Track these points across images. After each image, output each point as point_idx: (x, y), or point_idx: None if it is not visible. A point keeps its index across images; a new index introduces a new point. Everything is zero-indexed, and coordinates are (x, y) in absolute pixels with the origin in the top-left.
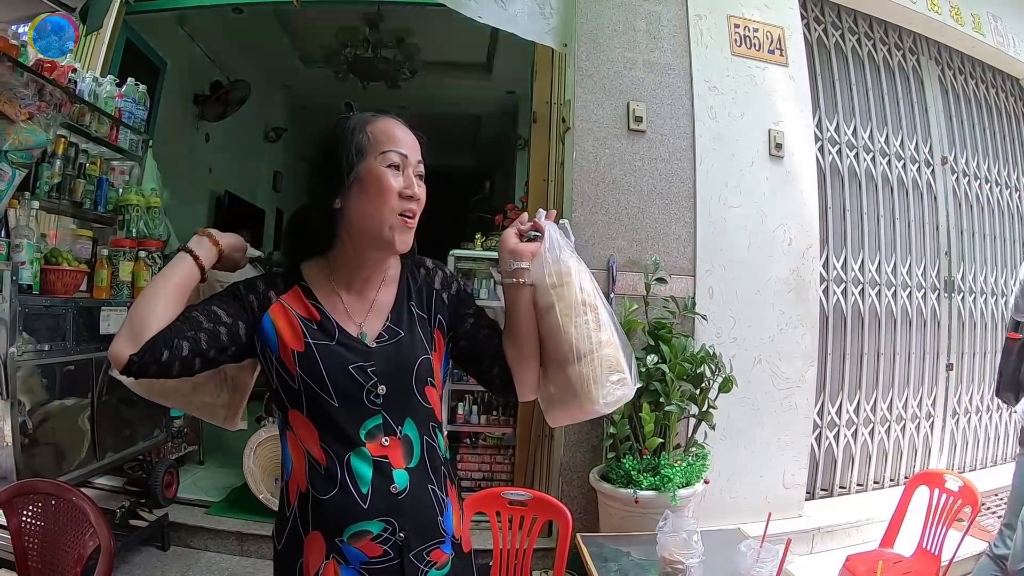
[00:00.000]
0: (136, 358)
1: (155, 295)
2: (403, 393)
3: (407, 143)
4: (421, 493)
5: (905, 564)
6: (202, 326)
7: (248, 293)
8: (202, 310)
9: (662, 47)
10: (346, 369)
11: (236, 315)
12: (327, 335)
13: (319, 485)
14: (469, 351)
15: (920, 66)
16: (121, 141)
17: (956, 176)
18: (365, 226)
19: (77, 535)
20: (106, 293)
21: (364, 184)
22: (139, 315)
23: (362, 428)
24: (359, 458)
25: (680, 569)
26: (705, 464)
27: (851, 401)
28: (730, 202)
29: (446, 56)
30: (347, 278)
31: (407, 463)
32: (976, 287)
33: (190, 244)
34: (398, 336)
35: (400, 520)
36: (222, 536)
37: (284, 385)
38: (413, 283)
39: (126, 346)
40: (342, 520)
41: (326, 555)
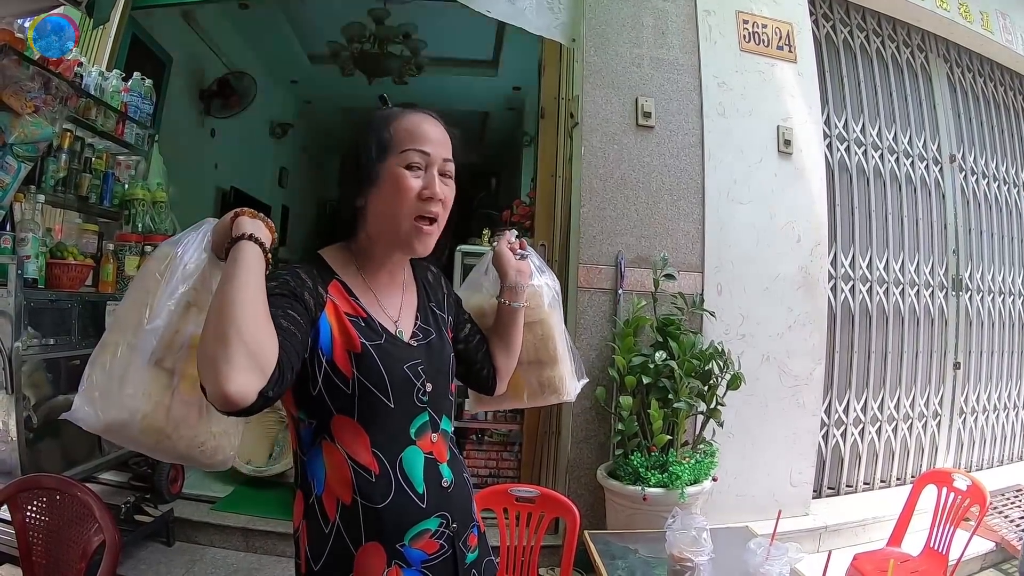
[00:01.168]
0: (270, 392)
1: (258, 309)
2: (443, 389)
3: (433, 140)
4: (460, 483)
5: (912, 563)
6: (297, 338)
7: (302, 290)
8: (285, 317)
9: (670, 43)
10: (402, 368)
11: (306, 319)
12: (375, 334)
13: (372, 494)
14: (465, 354)
15: (928, 63)
16: (127, 136)
17: (964, 174)
18: (384, 227)
19: (82, 530)
20: (112, 288)
21: (382, 184)
22: (252, 338)
23: (412, 427)
24: (411, 458)
25: (689, 567)
26: (713, 461)
27: (859, 399)
28: (739, 199)
29: (452, 52)
30: (375, 274)
31: (447, 456)
32: (984, 286)
33: (247, 228)
34: (431, 335)
35: (452, 512)
36: (227, 532)
37: (333, 390)
38: (428, 286)
39: (253, 379)
40: (403, 523)
41: (387, 563)
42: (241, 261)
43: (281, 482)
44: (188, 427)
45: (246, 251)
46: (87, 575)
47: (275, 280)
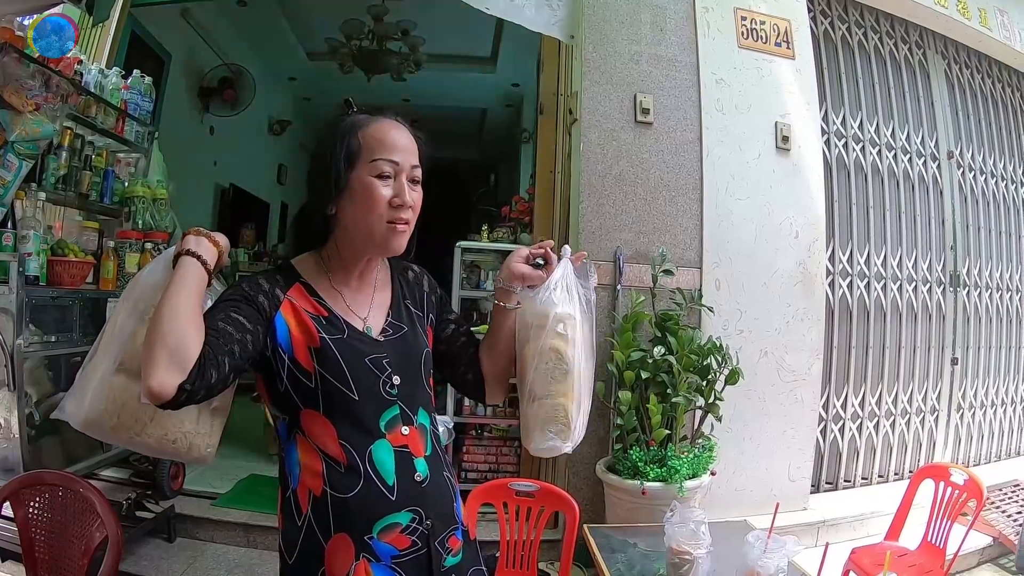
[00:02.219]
0: (188, 385)
1: (183, 312)
2: (415, 383)
3: (401, 148)
4: (439, 480)
5: (910, 557)
6: (233, 338)
7: (256, 294)
8: (226, 320)
9: (668, 39)
10: (363, 361)
11: (255, 320)
12: (337, 329)
13: (341, 483)
14: (447, 355)
15: (927, 60)
16: (127, 133)
17: (962, 170)
18: (357, 233)
19: (84, 526)
20: (112, 285)
21: (353, 193)
22: (175, 338)
23: (381, 419)
24: (381, 450)
25: (688, 560)
26: (711, 456)
27: (856, 394)
28: (737, 195)
29: (451, 49)
30: (344, 276)
31: (424, 451)
32: (981, 282)
33: (189, 245)
34: (402, 330)
35: (426, 508)
36: (228, 527)
37: (297, 385)
38: (405, 284)
39: (171, 375)
40: (371, 515)
41: (355, 555)
42: (175, 274)
43: None
44: (157, 425)
45: (181, 265)
46: (89, 571)
47: (232, 288)
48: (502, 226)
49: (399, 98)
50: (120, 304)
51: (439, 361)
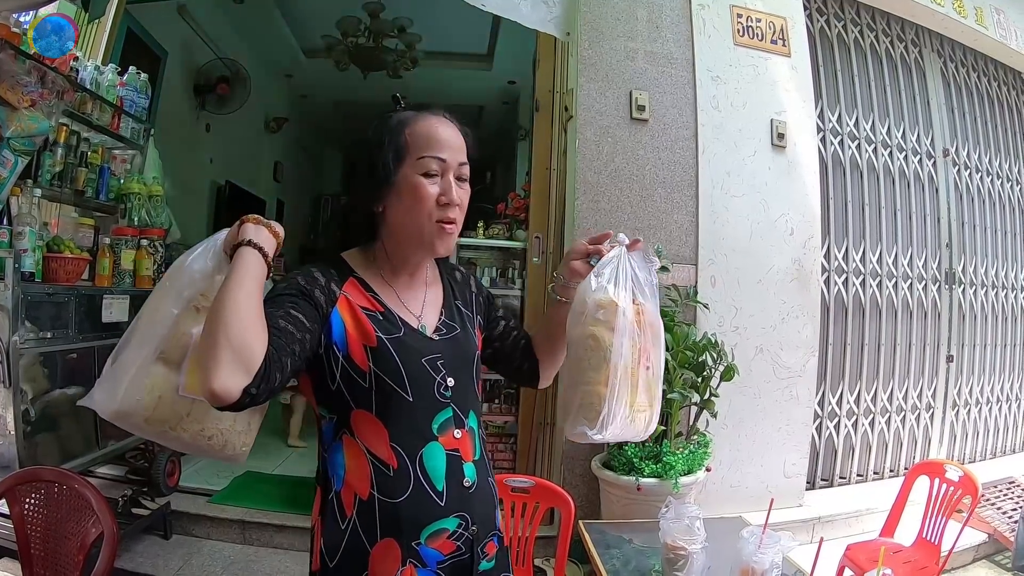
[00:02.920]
0: (253, 389)
1: (247, 310)
2: (466, 386)
3: (448, 145)
4: (484, 485)
5: (905, 553)
6: (295, 337)
7: (312, 288)
8: (286, 317)
9: (664, 36)
10: (420, 361)
11: (313, 318)
12: (393, 327)
13: (390, 489)
14: (502, 352)
15: (922, 58)
16: (123, 130)
17: (958, 168)
18: (404, 232)
19: (80, 522)
20: (108, 281)
21: (400, 192)
22: (240, 338)
23: (434, 422)
24: (432, 454)
25: (683, 555)
26: (707, 452)
27: (852, 391)
28: (732, 191)
29: (448, 46)
30: (394, 273)
31: (473, 456)
32: (977, 279)
33: (249, 235)
34: (455, 330)
35: (472, 514)
36: (224, 524)
37: (351, 384)
38: (454, 284)
39: (236, 377)
40: (420, 521)
41: (402, 561)
42: (236, 267)
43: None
44: (194, 420)
45: (242, 257)
46: (85, 568)
47: (286, 281)
48: (498, 223)
49: None
50: (160, 290)
51: (495, 358)
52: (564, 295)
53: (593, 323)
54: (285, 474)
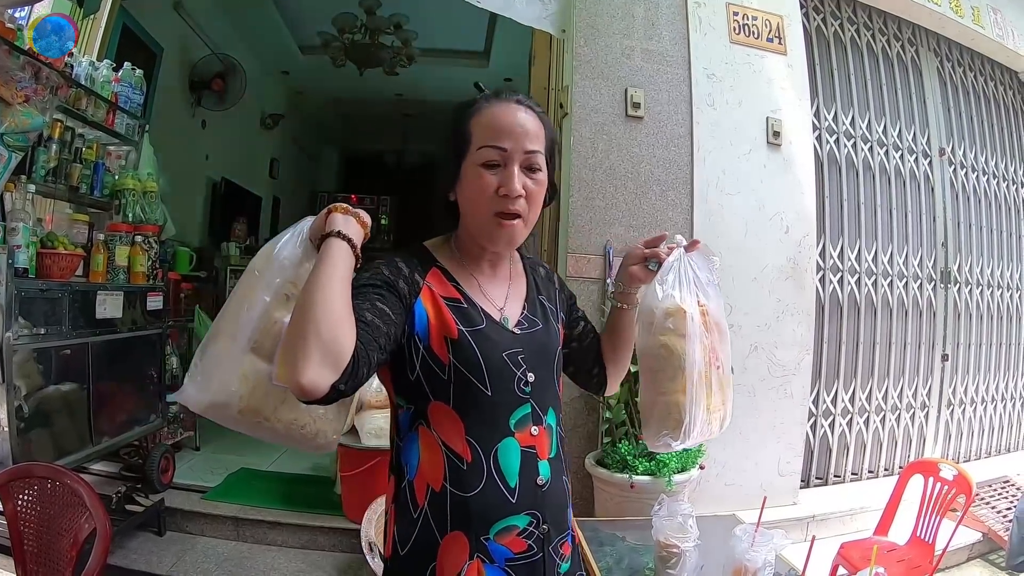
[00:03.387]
0: (342, 385)
1: (337, 304)
2: (547, 381)
3: (512, 132)
4: (558, 484)
5: (899, 552)
6: (382, 331)
7: (397, 279)
8: (373, 310)
9: (660, 34)
10: (500, 355)
11: (398, 310)
12: (475, 319)
13: (462, 482)
14: (578, 352)
15: (919, 57)
16: (117, 126)
17: (954, 168)
18: (469, 223)
19: (73, 518)
20: (102, 277)
21: (464, 182)
22: (329, 333)
23: (512, 417)
24: (507, 450)
25: (675, 553)
26: (700, 450)
27: (846, 390)
28: (727, 189)
29: (444, 43)
30: (476, 262)
31: (549, 454)
32: (972, 279)
33: (338, 226)
34: (537, 325)
35: (544, 513)
36: (218, 521)
37: (430, 376)
38: (538, 280)
39: (325, 373)
40: (490, 516)
41: (470, 555)
42: (325, 258)
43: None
44: (289, 410)
45: (331, 248)
46: (78, 564)
47: (370, 270)
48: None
49: (392, 93)
50: (248, 279)
51: (570, 359)
52: (625, 302)
53: (663, 332)
54: (280, 471)
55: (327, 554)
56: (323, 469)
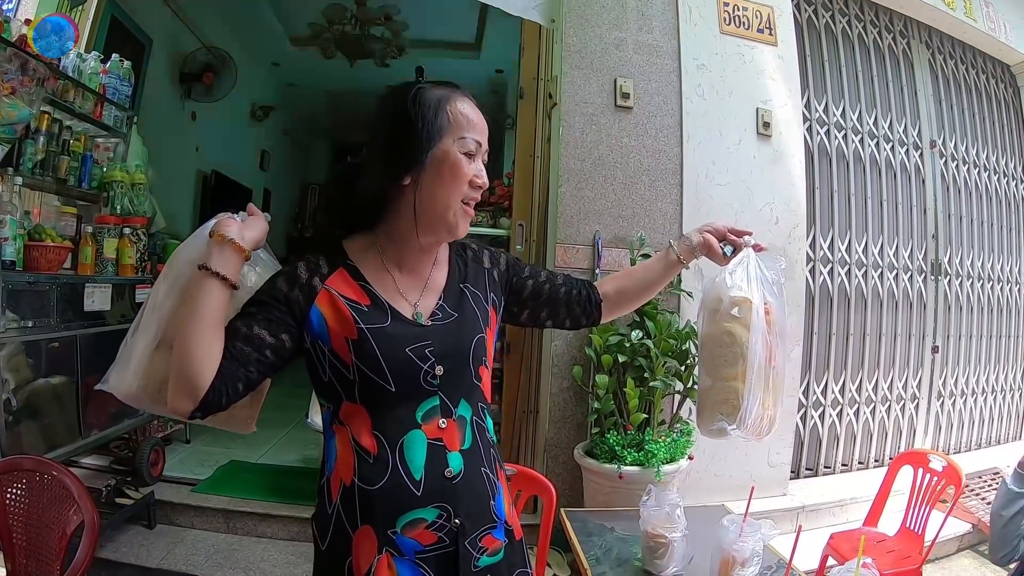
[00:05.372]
0: (199, 413)
1: (195, 342)
2: (459, 373)
3: (481, 128)
4: (474, 476)
5: (889, 543)
6: (251, 358)
7: (291, 288)
8: (247, 339)
9: (650, 24)
10: (403, 351)
11: (280, 326)
12: (379, 317)
13: (368, 476)
14: (541, 308)
15: (910, 49)
16: (105, 117)
17: (945, 160)
18: (430, 208)
19: (61, 511)
20: (90, 270)
21: (438, 166)
22: (187, 367)
23: (418, 410)
24: (413, 442)
25: (663, 543)
26: (689, 440)
27: (837, 381)
28: (717, 180)
29: (435, 34)
30: (399, 256)
31: (461, 445)
32: (963, 271)
33: (212, 262)
34: (452, 316)
35: (455, 505)
36: (208, 514)
37: (338, 376)
38: (462, 264)
39: (185, 402)
40: (395, 510)
41: (378, 549)
42: (189, 297)
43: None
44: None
45: (198, 286)
46: (67, 556)
47: (271, 280)
48: (481, 210)
49: (382, 84)
50: (161, 278)
51: (537, 317)
52: (685, 257)
53: (729, 320)
54: (269, 463)
55: None
56: (312, 461)
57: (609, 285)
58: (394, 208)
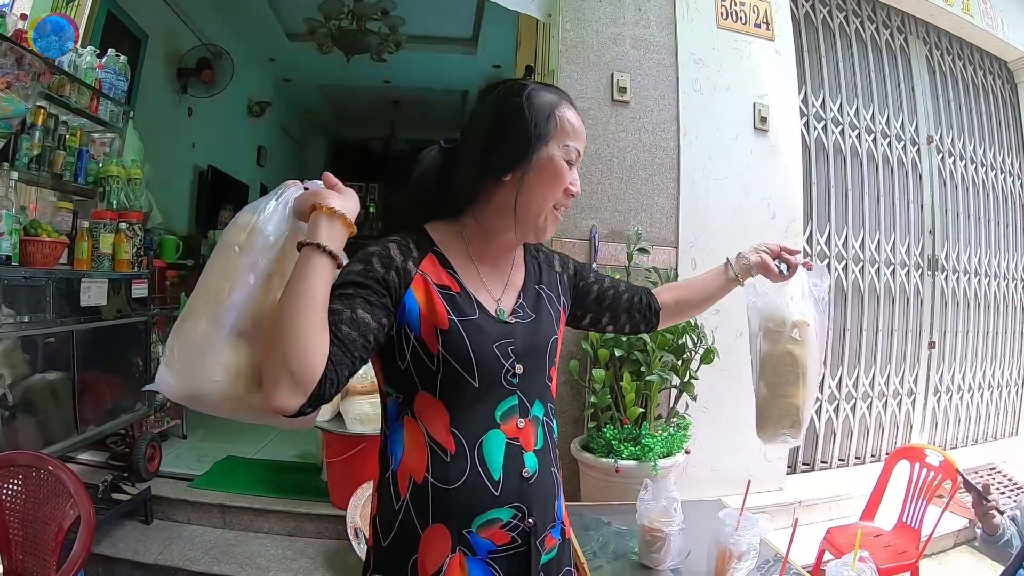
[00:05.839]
0: (309, 407)
1: (307, 328)
2: (536, 373)
3: (583, 138)
4: (546, 476)
5: (885, 537)
6: (357, 343)
7: (387, 271)
8: (351, 321)
9: (647, 19)
10: (490, 347)
11: (381, 310)
12: (468, 309)
13: (445, 475)
14: (603, 313)
15: (908, 45)
16: (101, 112)
17: (942, 156)
18: (524, 207)
19: (57, 506)
20: (86, 265)
21: (541, 168)
22: (298, 361)
23: (498, 409)
24: (492, 442)
25: (660, 537)
26: (686, 435)
27: (834, 376)
28: (714, 175)
29: (432, 30)
30: (483, 249)
31: (535, 446)
32: (960, 266)
33: (321, 237)
34: (531, 316)
35: (529, 505)
36: (204, 509)
37: (419, 366)
38: (536, 265)
39: (292, 397)
40: (472, 509)
41: (452, 548)
42: (303, 278)
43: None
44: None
45: (310, 266)
46: (63, 552)
47: (361, 261)
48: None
49: (380, 79)
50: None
51: (599, 321)
52: (742, 276)
53: (791, 342)
54: (266, 458)
55: (313, 541)
56: (309, 456)
57: (668, 295)
58: (487, 202)
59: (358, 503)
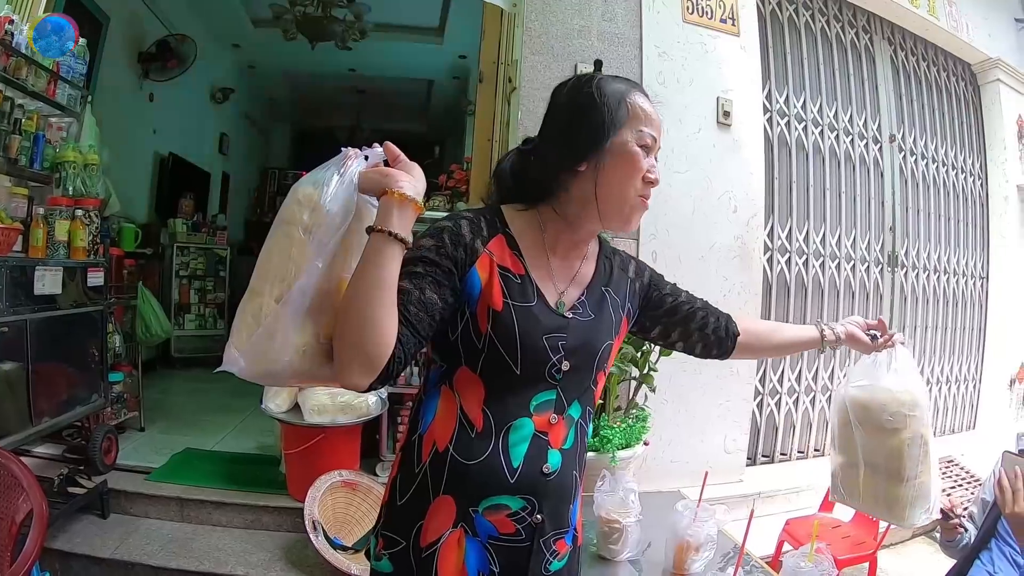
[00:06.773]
0: (377, 384)
1: (379, 311)
2: (583, 373)
3: (657, 124)
4: (566, 477)
5: (844, 528)
6: (424, 322)
7: (456, 247)
8: (419, 302)
9: (613, 12)
10: (540, 337)
11: (448, 289)
12: (526, 296)
13: (466, 449)
14: (675, 327)
15: (872, 45)
16: (59, 96)
17: (903, 154)
18: (604, 197)
19: (10, 500)
20: (42, 253)
21: (616, 156)
22: (370, 343)
23: (534, 399)
24: (520, 430)
25: (617, 528)
26: (645, 426)
27: (793, 369)
28: (675, 167)
29: (398, 18)
30: (556, 239)
31: (563, 444)
32: (919, 263)
33: (393, 224)
34: (589, 316)
35: (542, 501)
36: (162, 502)
37: (467, 341)
38: (608, 267)
39: (364, 377)
40: (483, 489)
41: (454, 523)
42: (375, 265)
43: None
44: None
45: (383, 254)
46: (17, 546)
47: (432, 235)
48: (439, 194)
49: (345, 67)
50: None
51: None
52: (830, 345)
53: (921, 426)
54: (225, 450)
55: (272, 533)
56: (268, 448)
57: (749, 324)
58: (564, 192)
59: (316, 495)
